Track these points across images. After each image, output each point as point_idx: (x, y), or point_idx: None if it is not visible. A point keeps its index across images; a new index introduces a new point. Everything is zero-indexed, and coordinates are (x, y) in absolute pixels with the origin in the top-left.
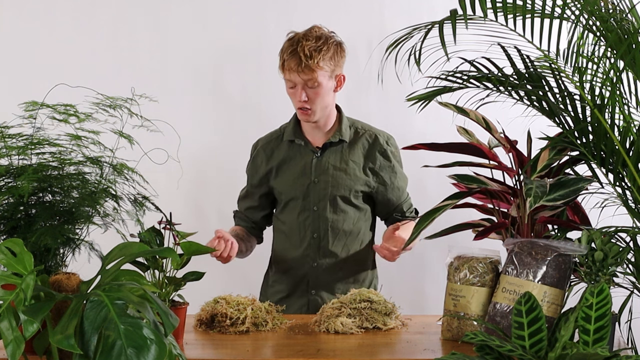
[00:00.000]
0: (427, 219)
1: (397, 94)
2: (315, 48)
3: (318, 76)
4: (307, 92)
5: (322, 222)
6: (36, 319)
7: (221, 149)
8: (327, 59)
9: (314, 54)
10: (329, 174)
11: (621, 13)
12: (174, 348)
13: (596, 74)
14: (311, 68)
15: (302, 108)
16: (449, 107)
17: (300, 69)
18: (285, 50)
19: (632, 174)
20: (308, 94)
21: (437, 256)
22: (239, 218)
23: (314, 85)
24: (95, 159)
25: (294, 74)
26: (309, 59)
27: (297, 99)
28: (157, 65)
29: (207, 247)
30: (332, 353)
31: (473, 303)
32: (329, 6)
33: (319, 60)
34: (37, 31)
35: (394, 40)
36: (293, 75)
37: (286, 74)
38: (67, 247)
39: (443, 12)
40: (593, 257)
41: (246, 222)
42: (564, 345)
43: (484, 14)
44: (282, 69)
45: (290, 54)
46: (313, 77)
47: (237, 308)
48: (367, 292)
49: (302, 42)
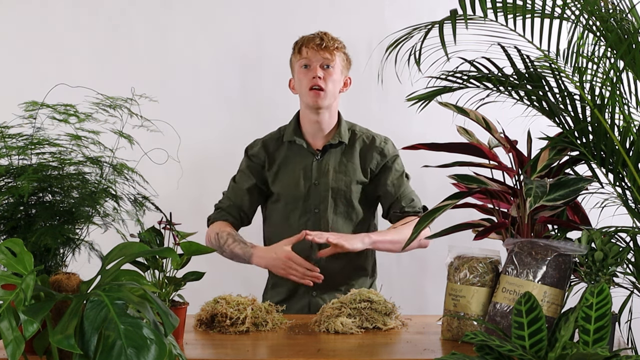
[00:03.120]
0: (427, 219)
1: (397, 94)
2: (334, 38)
3: (336, 58)
4: (322, 72)
5: (323, 223)
6: (36, 319)
7: (221, 149)
8: (342, 52)
9: (334, 41)
10: (329, 176)
11: (621, 13)
12: (174, 348)
13: (596, 74)
14: (331, 49)
15: (315, 87)
16: (449, 107)
17: (321, 47)
18: (304, 37)
19: (632, 174)
20: (323, 73)
21: (437, 256)
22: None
23: (330, 67)
24: (95, 159)
25: (312, 51)
26: (330, 41)
27: (312, 76)
28: (157, 65)
29: (207, 247)
30: (332, 353)
31: (473, 303)
32: (329, 6)
33: (338, 45)
34: (37, 31)
35: (394, 40)
36: (312, 53)
37: (303, 53)
38: (67, 247)
39: (443, 12)
40: (593, 257)
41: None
42: (564, 345)
43: (484, 14)
44: (299, 51)
45: (311, 37)
46: (332, 57)
47: (237, 308)
48: (367, 292)
49: (322, 32)
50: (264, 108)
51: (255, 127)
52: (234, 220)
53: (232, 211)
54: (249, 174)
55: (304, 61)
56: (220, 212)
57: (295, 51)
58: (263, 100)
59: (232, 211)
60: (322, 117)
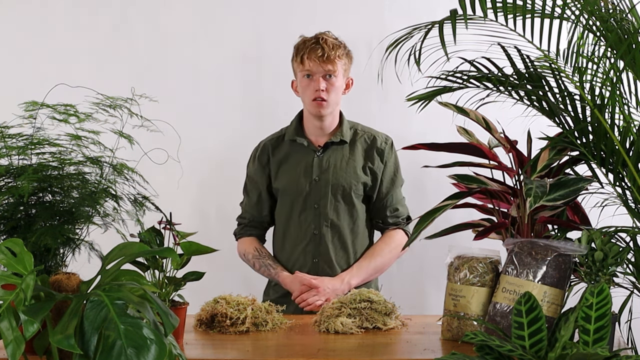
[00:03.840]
0: (427, 219)
1: (397, 94)
2: (336, 43)
3: (338, 68)
4: (325, 83)
5: (323, 219)
6: (36, 319)
7: (221, 149)
8: (344, 56)
9: (336, 47)
10: (329, 173)
11: (621, 13)
12: (174, 348)
13: (596, 74)
14: (332, 59)
15: (318, 98)
16: (449, 107)
17: (322, 59)
18: (305, 44)
19: (632, 174)
20: (325, 84)
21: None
22: (252, 227)
23: (332, 77)
24: (95, 159)
25: (314, 63)
26: (332, 50)
27: (314, 89)
28: (157, 65)
29: (207, 247)
30: (332, 353)
31: (473, 303)
32: (330, 6)
33: (340, 53)
34: (37, 31)
35: (394, 40)
36: (314, 65)
37: (305, 64)
38: (67, 247)
39: (443, 12)
40: (593, 257)
41: (259, 229)
42: (564, 345)
43: (484, 14)
44: (301, 61)
45: (312, 45)
46: (334, 68)
47: (237, 308)
48: (367, 292)
49: (322, 37)
50: (265, 108)
51: (255, 126)
52: (258, 233)
53: (254, 225)
54: (255, 183)
55: (306, 72)
56: (243, 228)
57: (297, 59)
58: (263, 100)
59: (254, 224)
60: (325, 122)
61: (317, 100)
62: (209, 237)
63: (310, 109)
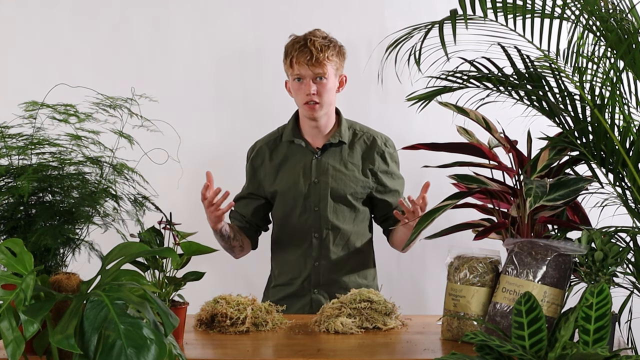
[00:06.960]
0: (427, 219)
1: (397, 94)
2: (324, 44)
3: (327, 69)
4: (315, 86)
5: (323, 222)
6: (36, 319)
7: (221, 149)
8: (334, 55)
9: (324, 48)
10: (329, 175)
11: (621, 13)
12: (174, 348)
13: (596, 74)
14: (321, 61)
15: (310, 102)
16: (449, 107)
17: (311, 62)
18: (293, 46)
19: (632, 174)
20: (316, 87)
21: (437, 256)
22: (233, 217)
23: (323, 79)
24: (95, 159)
25: (303, 67)
26: (320, 53)
27: (305, 93)
28: (157, 65)
29: (207, 247)
30: (332, 353)
31: (473, 303)
32: (329, 6)
33: (329, 54)
34: (37, 31)
35: (394, 40)
36: (303, 69)
37: (295, 69)
38: (67, 247)
39: (443, 12)
40: (593, 257)
41: (240, 221)
42: (564, 345)
43: (484, 14)
44: (290, 64)
45: (301, 48)
46: (323, 70)
47: (237, 308)
48: (367, 292)
49: (310, 38)
50: (264, 107)
51: (255, 126)
52: (240, 225)
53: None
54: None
55: (295, 75)
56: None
57: (287, 62)
58: (263, 100)
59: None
60: (320, 122)
61: (308, 103)
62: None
63: (303, 112)
